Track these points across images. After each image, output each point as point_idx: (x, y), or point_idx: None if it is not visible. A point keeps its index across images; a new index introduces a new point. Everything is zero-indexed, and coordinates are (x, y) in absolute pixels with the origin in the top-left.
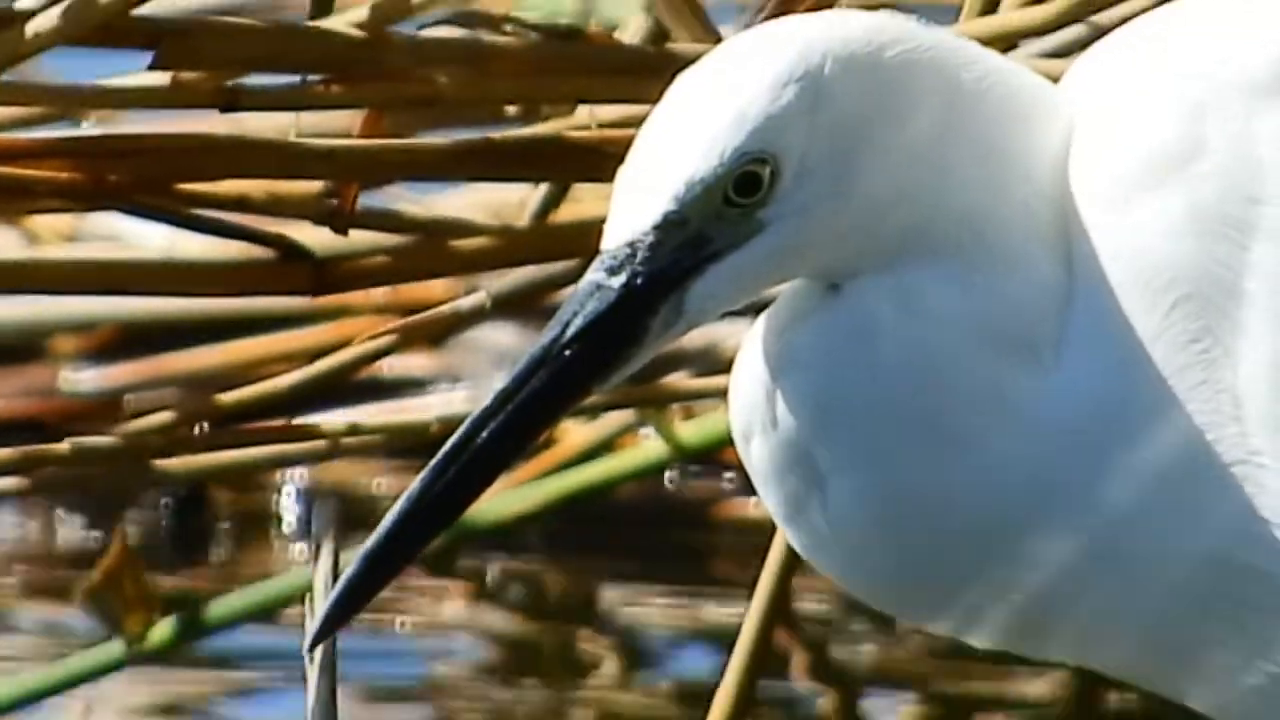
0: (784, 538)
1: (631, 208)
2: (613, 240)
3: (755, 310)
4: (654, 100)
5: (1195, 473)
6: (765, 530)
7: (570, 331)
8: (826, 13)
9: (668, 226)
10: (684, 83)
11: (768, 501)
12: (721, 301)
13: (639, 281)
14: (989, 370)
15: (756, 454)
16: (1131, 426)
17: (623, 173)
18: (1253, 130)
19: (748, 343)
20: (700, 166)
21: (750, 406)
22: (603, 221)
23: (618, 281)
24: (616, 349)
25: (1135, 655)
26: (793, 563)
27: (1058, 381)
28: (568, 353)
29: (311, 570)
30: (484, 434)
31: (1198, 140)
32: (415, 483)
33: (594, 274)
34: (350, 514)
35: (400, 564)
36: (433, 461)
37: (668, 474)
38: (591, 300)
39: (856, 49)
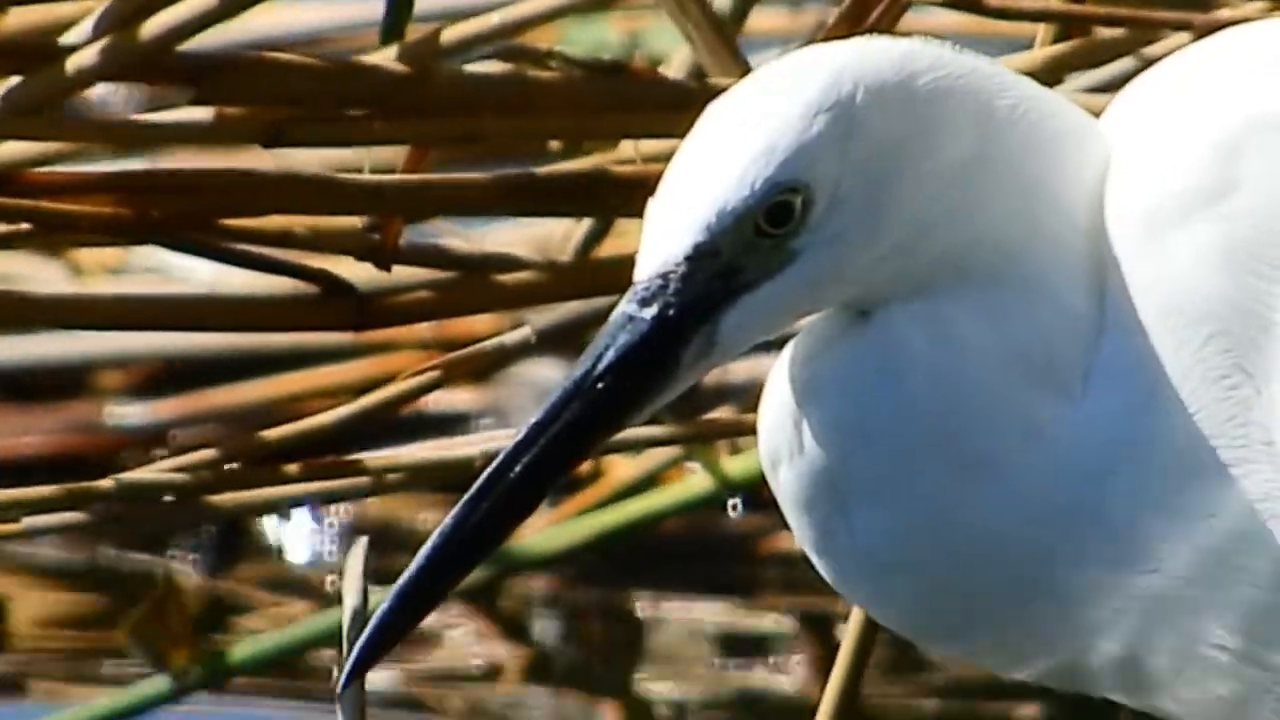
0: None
1: (663, 239)
2: (645, 272)
3: (786, 340)
4: None
5: (1223, 508)
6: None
7: (603, 364)
8: (857, 40)
9: (699, 257)
10: (715, 112)
11: (796, 529)
12: (755, 331)
13: (671, 313)
14: (1018, 399)
15: (784, 482)
16: (1160, 460)
17: (654, 204)
18: None
19: (776, 370)
20: (731, 197)
21: (778, 434)
22: None
23: (650, 313)
24: (650, 381)
25: (1168, 692)
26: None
27: (1086, 412)
28: (600, 385)
29: (342, 610)
30: (518, 468)
31: (1232, 176)
32: (449, 518)
33: (626, 306)
34: (395, 549)
35: (435, 600)
36: (466, 496)
37: (730, 502)
38: (624, 333)
39: (888, 77)
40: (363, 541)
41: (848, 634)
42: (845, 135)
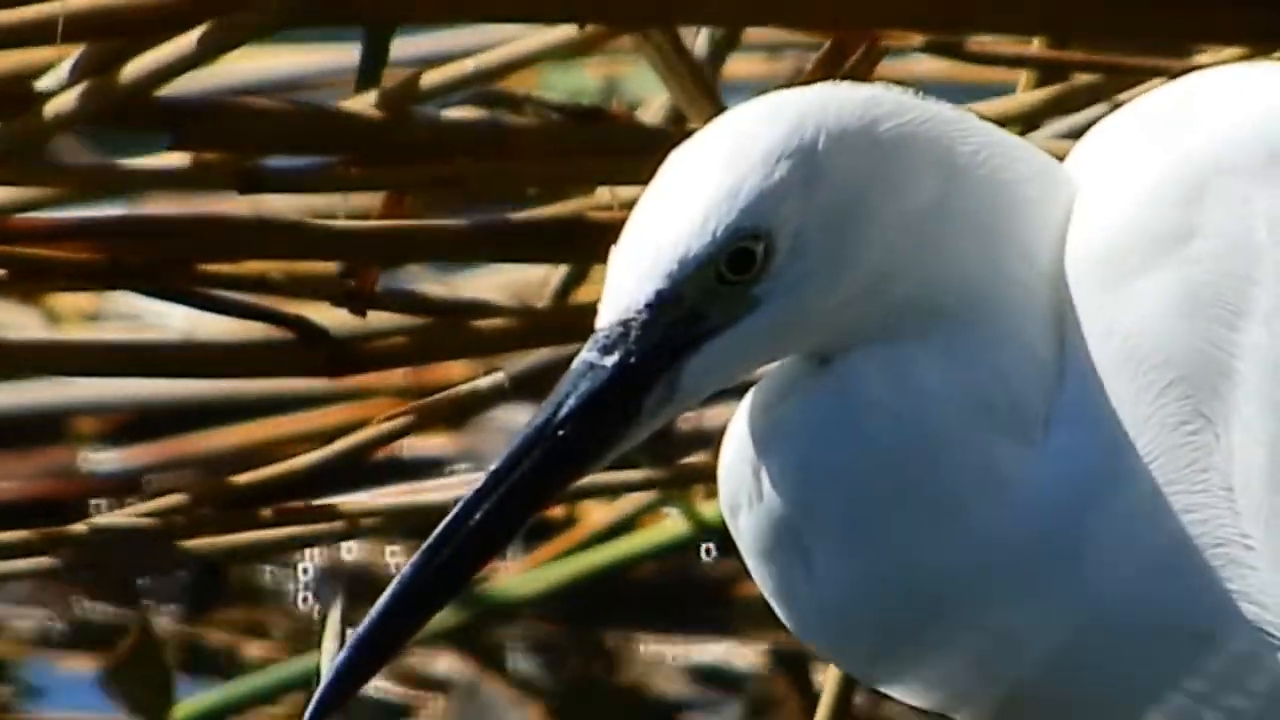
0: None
1: (625, 286)
2: (606, 319)
3: (746, 386)
4: None
5: (1182, 552)
6: None
7: (564, 411)
8: (819, 86)
9: (661, 305)
10: (678, 158)
11: (756, 576)
12: (717, 378)
13: (633, 360)
14: (979, 444)
15: (744, 528)
16: (1120, 506)
17: (616, 250)
18: (1249, 212)
19: (736, 418)
20: (693, 244)
21: (737, 480)
22: None
23: (611, 360)
24: (611, 427)
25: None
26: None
27: (1046, 458)
28: (561, 433)
29: (320, 654)
30: (477, 515)
31: (1193, 221)
32: (408, 566)
33: (588, 353)
34: (370, 594)
35: (395, 647)
36: (425, 544)
37: (705, 546)
38: (585, 380)
39: (849, 123)
40: (340, 591)
41: (828, 681)
42: (807, 181)
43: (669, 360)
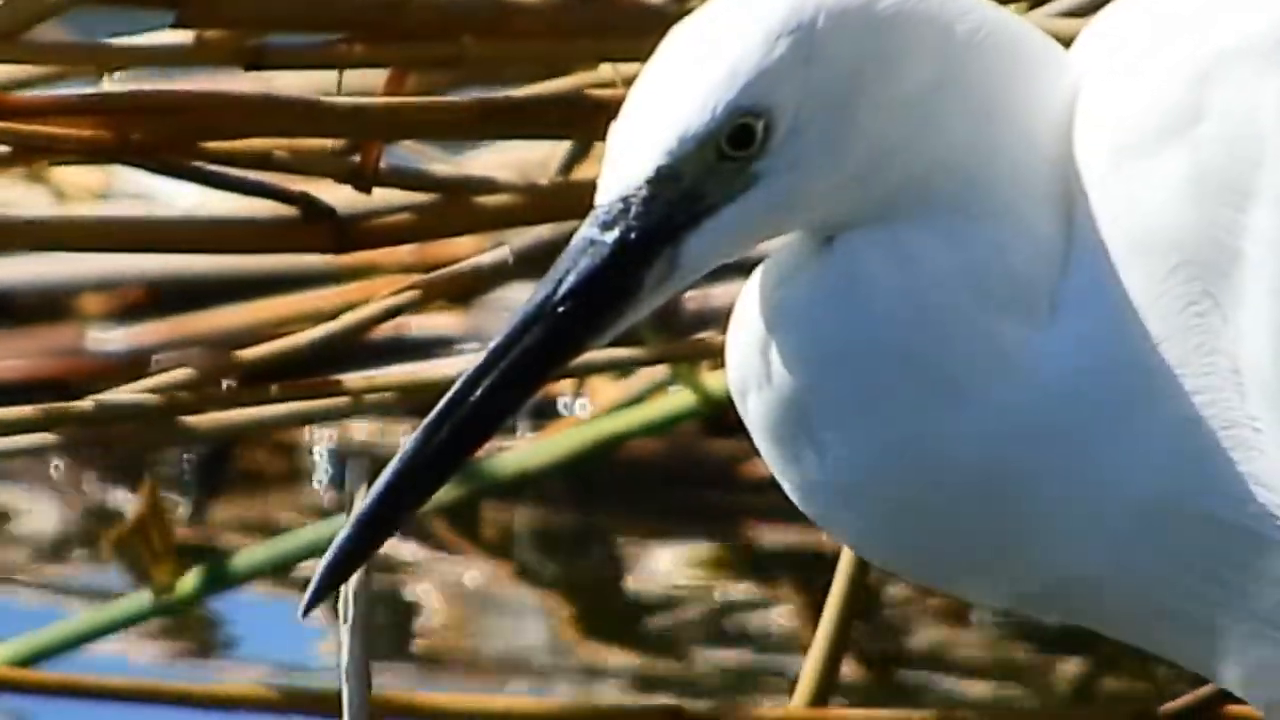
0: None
1: (625, 162)
2: (606, 195)
3: (752, 265)
4: None
5: (1190, 434)
6: None
7: (564, 288)
8: None
9: (660, 181)
10: (677, 35)
11: (766, 457)
12: (716, 255)
13: (633, 236)
14: (982, 323)
15: (753, 410)
16: (1127, 386)
17: (616, 127)
18: (1255, 95)
19: (743, 298)
20: (693, 121)
21: (745, 362)
22: None
23: (611, 237)
24: (611, 304)
25: (1148, 622)
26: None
27: (1053, 338)
28: (561, 309)
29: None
30: (477, 392)
31: (1200, 104)
32: (408, 442)
33: (587, 229)
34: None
35: (394, 526)
36: (425, 421)
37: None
38: (585, 256)
39: (849, 2)
40: (362, 460)
41: (840, 567)
42: (806, 60)
43: (669, 236)
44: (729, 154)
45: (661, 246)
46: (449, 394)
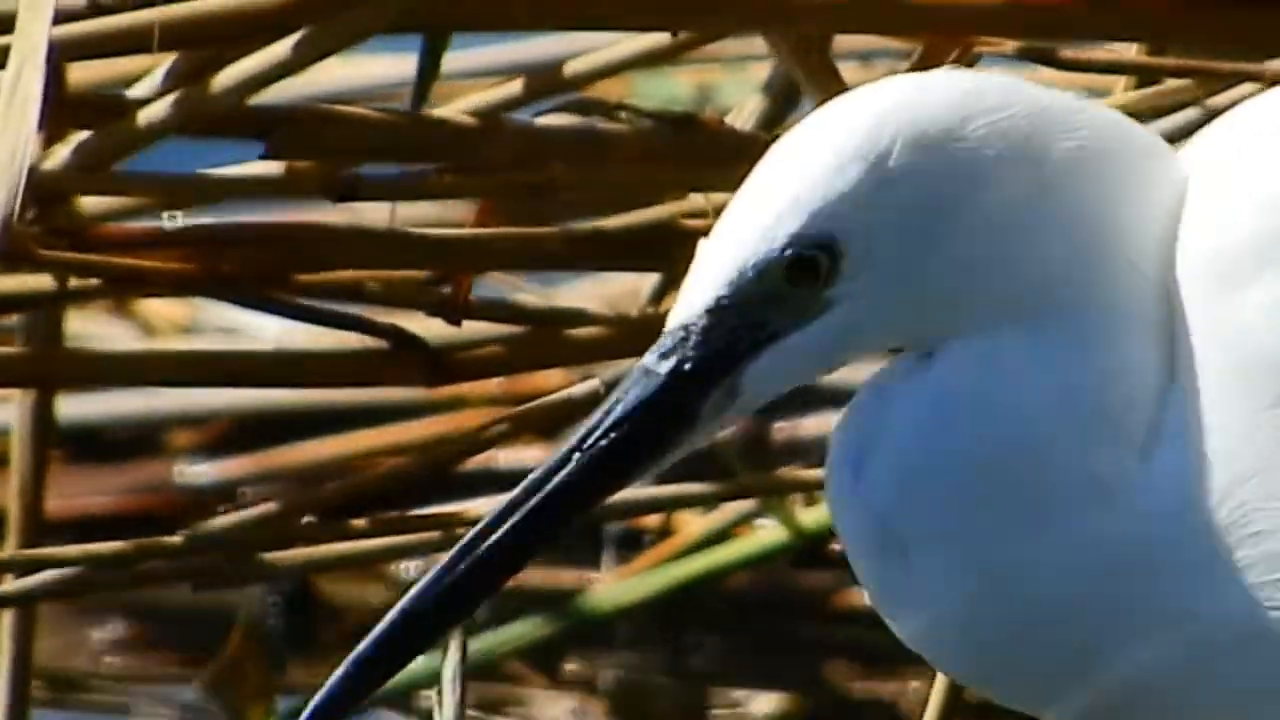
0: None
1: (690, 292)
2: (669, 325)
3: (847, 396)
4: None
5: None
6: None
7: (610, 419)
8: (910, 78)
9: (721, 310)
10: (765, 158)
11: (860, 578)
12: (781, 382)
13: (688, 366)
14: (1079, 448)
15: (848, 529)
16: (1227, 519)
17: (698, 253)
18: None
19: (844, 415)
20: (755, 252)
21: (842, 481)
22: None
23: (666, 367)
24: (660, 433)
25: None
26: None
27: (1153, 469)
28: (603, 441)
29: (440, 661)
30: (501, 530)
31: None
32: (418, 583)
33: (646, 359)
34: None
35: (396, 667)
36: (453, 550)
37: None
38: (635, 386)
39: (928, 127)
40: None
41: (934, 690)
42: (879, 186)
43: (729, 365)
44: (794, 285)
45: (721, 376)
46: (473, 531)
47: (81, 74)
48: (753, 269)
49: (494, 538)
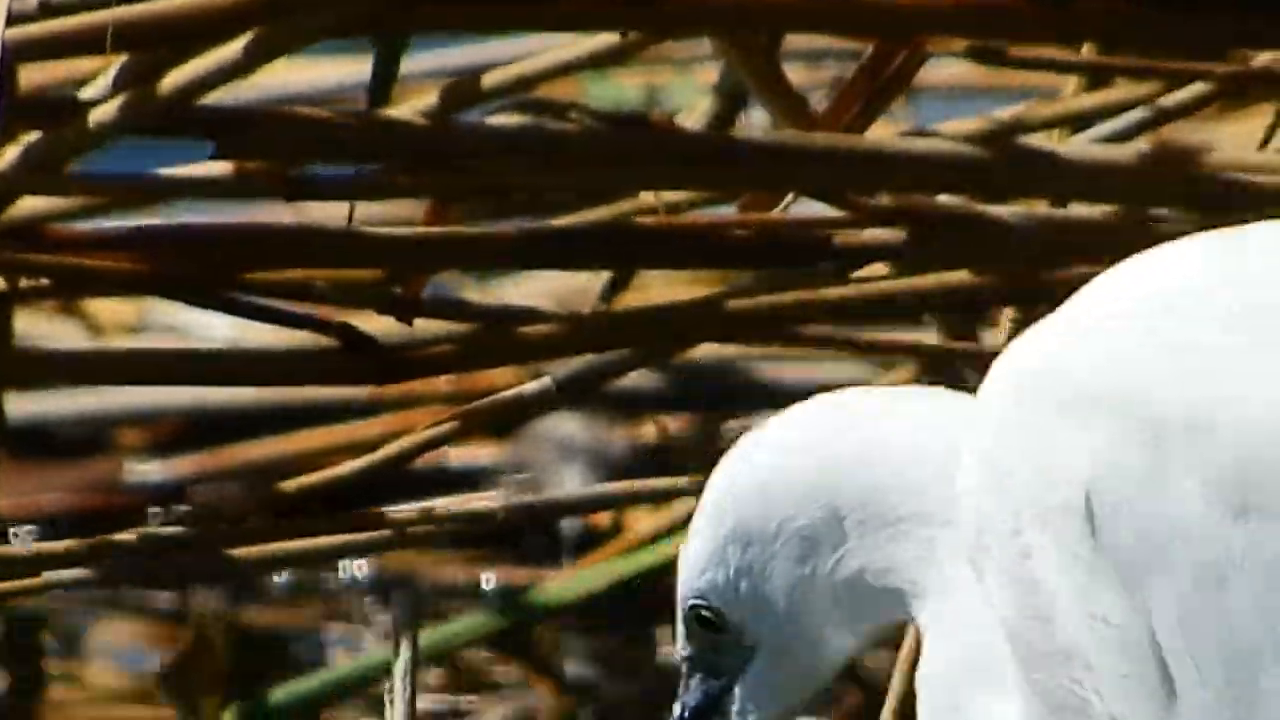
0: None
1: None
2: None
3: None
4: (716, 186)
5: None
6: None
7: None
8: (748, 438)
9: (686, 660)
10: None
11: None
12: (766, 710)
13: (691, 702)
14: (979, 701)
15: None
16: None
17: None
18: (1033, 553)
19: None
20: (680, 605)
21: None
22: (667, 308)
23: (680, 703)
24: None
25: None
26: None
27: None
28: None
29: (392, 660)
30: None
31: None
32: None
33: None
34: (416, 604)
35: None
36: None
37: None
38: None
39: (744, 482)
40: (409, 592)
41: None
42: (730, 540)
43: (712, 708)
44: (716, 631)
45: (712, 712)
46: None
47: (30, 75)
48: (682, 622)
49: None
